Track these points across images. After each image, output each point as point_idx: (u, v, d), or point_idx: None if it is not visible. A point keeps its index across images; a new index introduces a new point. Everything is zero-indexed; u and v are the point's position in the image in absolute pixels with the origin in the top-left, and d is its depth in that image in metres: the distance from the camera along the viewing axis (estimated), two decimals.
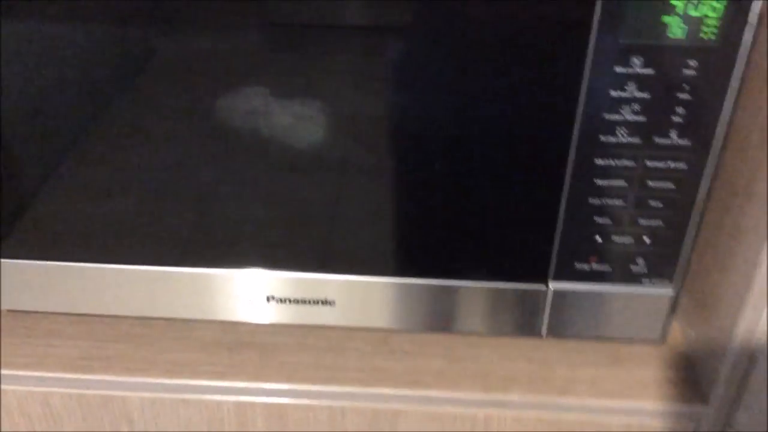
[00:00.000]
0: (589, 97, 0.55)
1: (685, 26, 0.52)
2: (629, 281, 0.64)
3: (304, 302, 0.66)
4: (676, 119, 0.55)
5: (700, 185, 0.59)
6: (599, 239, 0.61)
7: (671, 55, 0.53)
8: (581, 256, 0.62)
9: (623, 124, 0.56)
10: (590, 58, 0.53)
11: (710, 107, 0.55)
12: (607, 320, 0.66)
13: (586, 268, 0.63)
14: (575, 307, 0.65)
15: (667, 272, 0.63)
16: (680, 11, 0.51)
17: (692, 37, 0.52)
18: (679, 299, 0.66)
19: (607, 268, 0.63)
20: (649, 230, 0.61)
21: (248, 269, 0.66)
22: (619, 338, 0.68)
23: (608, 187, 0.59)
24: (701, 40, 0.52)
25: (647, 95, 0.55)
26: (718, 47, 0.52)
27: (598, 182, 0.59)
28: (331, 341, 0.71)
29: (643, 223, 0.61)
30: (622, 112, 0.55)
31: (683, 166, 0.58)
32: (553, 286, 0.64)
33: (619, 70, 0.54)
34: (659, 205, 0.60)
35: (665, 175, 0.58)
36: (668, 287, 0.64)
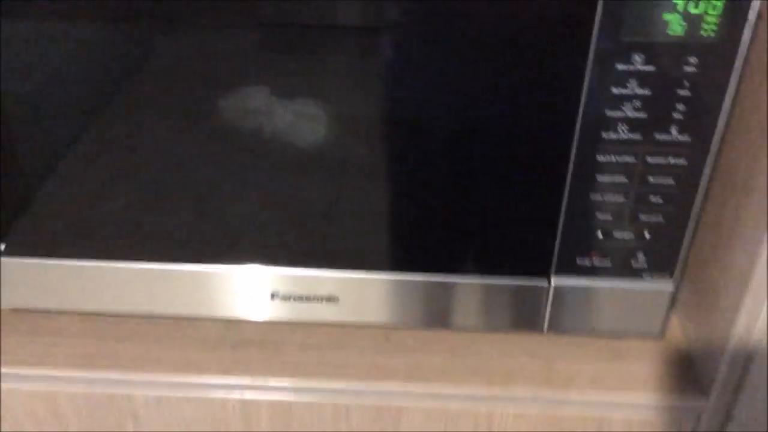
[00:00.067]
0: (590, 94, 0.56)
1: (685, 24, 0.52)
2: (630, 276, 0.64)
3: (308, 299, 0.67)
4: (676, 115, 0.56)
5: (699, 181, 0.59)
6: (600, 235, 0.62)
7: (672, 52, 0.54)
8: (582, 251, 0.63)
9: (624, 120, 0.57)
10: (592, 55, 0.54)
11: (710, 104, 0.56)
12: (607, 315, 0.67)
13: (587, 263, 0.64)
14: (576, 302, 0.66)
15: (667, 267, 0.64)
16: (680, 9, 0.52)
17: (692, 34, 0.53)
18: (677, 294, 0.67)
19: (608, 263, 0.64)
20: (649, 225, 0.62)
21: (252, 266, 0.66)
22: (619, 333, 0.69)
23: (609, 182, 0.59)
24: (701, 37, 0.53)
25: (648, 92, 0.55)
26: (717, 44, 0.53)
27: (599, 178, 0.59)
28: (333, 338, 0.71)
29: (643, 218, 0.61)
30: (623, 108, 0.56)
31: (683, 161, 0.58)
32: (554, 281, 0.65)
33: (620, 67, 0.54)
34: (659, 200, 0.60)
35: (665, 170, 0.59)
36: (668, 282, 0.65)
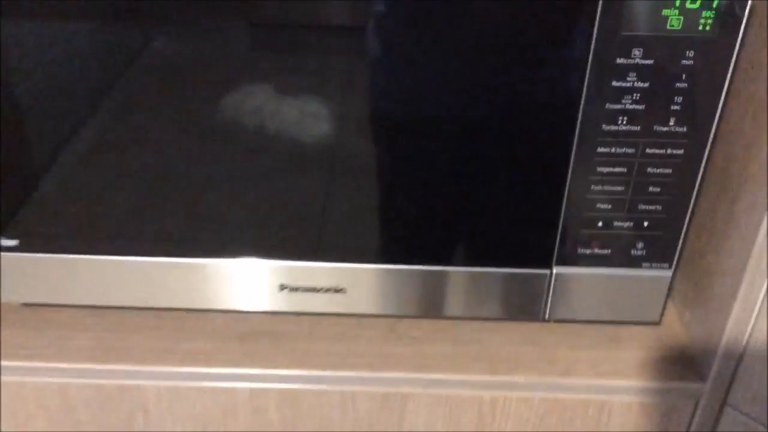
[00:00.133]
0: (591, 87, 0.57)
1: (683, 19, 0.54)
2: (629, 265, 0.66)
3: (315, 290, 0.68)
4: (674, 108, 0.58)
5: (697, 171, 0.61)
6: (601, 224, 0.64)
7: (670, 46, 0.55)
8: (584, 241, 0.65)
9: (624, 112, 0.58)
10: (593, 49, 0.56)
11: (707, 96, 0.57)
12: (607, 303, 0.68)
13: (588, 252, 0.65)
14: (577, 290, 0.67)
15: (665, 256, 0.65)
16: (678, 4, 0.53)
17: (690, 29, 0.54)
18: (674, 282, 0.69)
19: (608, 252, 0.65)
20: (648, 215, 0.63)
21: (261, 259, 0.68)
22: (619, 320, 0.70)
23: (609, 173, 0.61)
24: (698, 32, 0.55)
25: (647, 85, 0.57)
26: (714, 39, 0.55)
27: (600, 169, 0.61)
28: (340, 329, 0.73)
29: (642, 208, 0.63)
30: (623, 101, 0.58)
31: (681, 152, 0.60)
32: (556, 270, 0.67)
33: (620, 60, 0.56)
34: (658, 190, 0.62)
35: (664, 161, 0.60)
36: (667, 270, 0.66)
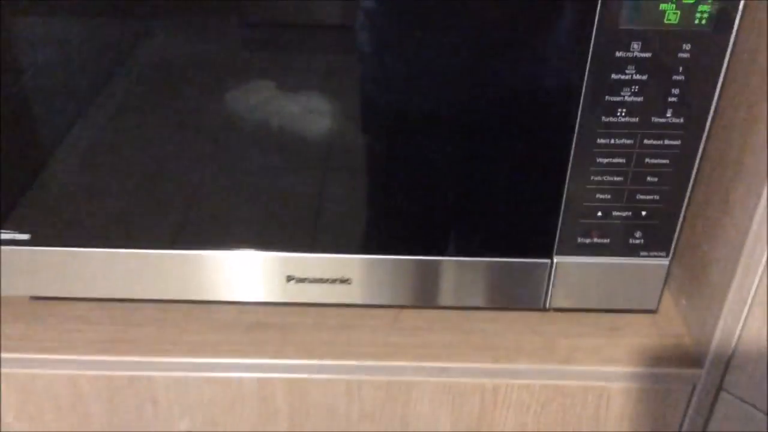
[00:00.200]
0: (591, 80, 0.59)
1: (679, 13, 0.56)
2: (628, 254, 0.68)
3: (322, 281, 0.70)
4: (671, 99, 0.59)
5: (693, 161, 0.63)
6: (600, 214, 0.65)
7: (667, 39, 0.57)
8: (584, 230, 0.66)
9: (623, 104, 0.60)
10: (593, 43, 0.57)
11: (703, 88, 0.59)
12: (606, 291, 0.70)
13: (587, 242, 0.67)
14: (577, 279, 0.69)
15: (663, 244, 0.67)
16: None
17: (686, 23, 0.56)
18: (671, 271, 0.71)
19: (608, 242, 0.67)
20: (646, 205, 0.65)
21: (268, 252, 0.69)
22: (617, 308, 0.72)
23: (609, 164, 0.63)
24: (695, 25, 0.56)
25: (645, 77, 0.58)
26: (710, 32, 0.57)
27: (599, 160, 0.62)
28: (345, 320, 0.74)
29: (640, 198, 0.64)
30: (622, 93, 0.59)
31: (678, 143, 0.62)
32: (557, 259, 0.68)
33: (619, 54, 0.57)
34: (655, 180, 0.64)
35: (661, 152, 0.62)
36: (664, 259, 0.68)
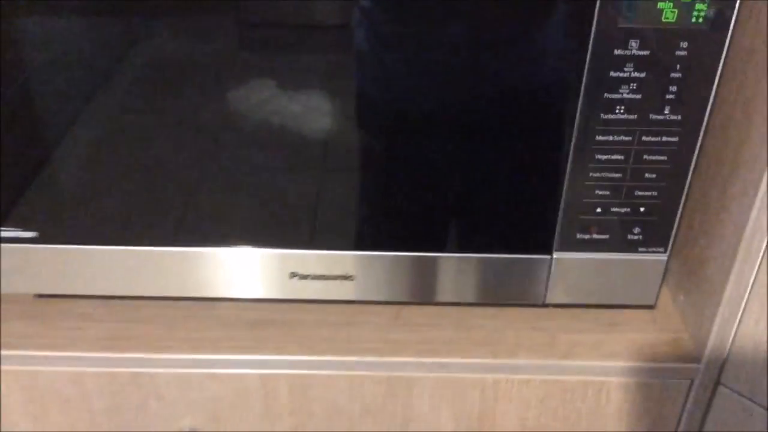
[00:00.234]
0: (590, 78, 0.60)
1: (677, 11, 0.57)
2: (626, 249, 0.68)
3: (325, 278, 0.70)
4: (669, 97, 0.60)
5: (690, 158, 0.64)
6: (599, 210, 0.66)
7: (665, 37, 0.58)
8: (583, 226, 0.67)
9: (622, 101, 0.61)
10: (592, 41, 0.58)
11: (700, 85, 0.60)
12: (605, 287, 0.71)
13: (586, 237, 0.68)
14: (576, 275, 0.70)
15: (661, 240, 0.68)
16: None
17: (684, 21, 0.57)
18: (669, 267, 0.72)
19: (606, 237, 0.68)
20: (644, 201, 0.66)
21: (272, 249, 0.70)
22: (616, 304, 0.73)
23: (608, 160, 0.64)
24: (692, 23, 0.57)
25: (643, 75, 0.59)
26: (707, 30, 0.58)
27: (598, 157, 0.63)
28: (346, 317, 0.75)
29: (639, 194, 0.65)
30: (620, 90, 0.60)
31: (675, 140, 0.63)
32: (556, 255, 0.69)
33: (617, 51, 0.58)
34: (654, 177, 0.64)
35: (659, 148, 0.63)
36: (662, 254, 0.69)
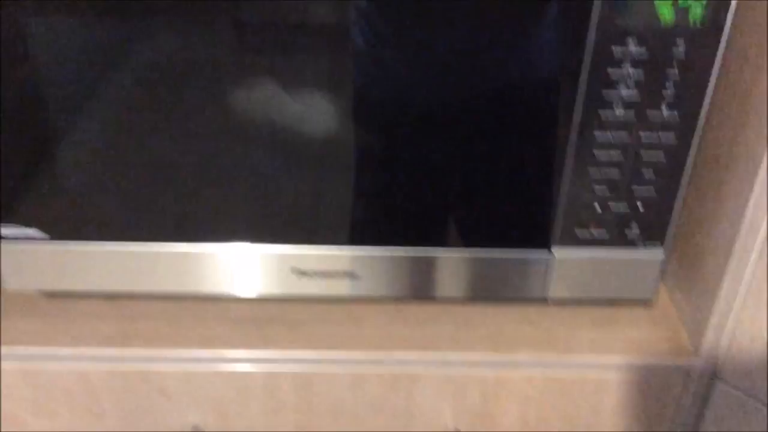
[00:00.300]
0: (589, 75, 0.61)
1: (674, 12, 0.58)
2: (625, 245, 0.70)
3: (329, 275, 0.71)
4: (666, 95, 0.62)
5: (687, 155, 0.65)
6: (598, 207, 0.67)
7: (662, 37, 0.59)
8: (582, 223, 0.68)
9: (620, 99, 0.62)
10: (591, 39, 0.59)
11: (696, 83, 0.61)
12: (604, 282, 0.72)
13: (585, 234, 0.69)
14: (576, 270, 0.71)
15: (658, 236, 0.69)
16: None
17: (681, 21, 0.58)
18: (666, 263, 0.73)
19: (604, 233, 0.69)
20: (642, 198, 0.67)
21: (277, 245, 0.71)
22: (615, 299, 0.74)
23: (606, 158, 0.65)
24: (689, 24, 0.59)
25: (641, 73, 0.61)
26: (703, 31, 0.59)
27: (597, 154, 0.65)
28: (349, 314, 0.76)
29: (636, 191, 0.67)
30: (618, 88, 0.61)
31: (672, 137, 0.64)
32: (556, 251, 0.70)
33: (616, 50, 0.60)
34: (651, 174, 0.66)
35: (656, 146, 0.64)
36: (659, 250, 0.70)
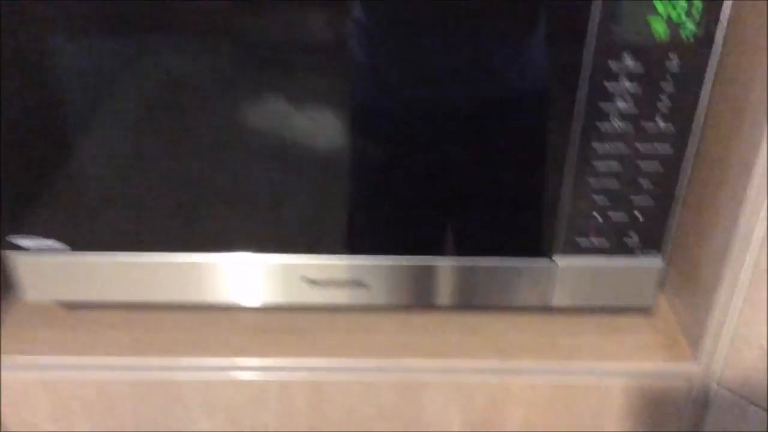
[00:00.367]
0: (587, 89, 0.64)
1: (668, 28, 0.61)
2: (624, 254, 0.72)
3: (340, 284, 0.74)
4: (661, 107, 0.64)
5: (683, 166, 0.68)
6: (598, 216, 0.70)
7: (657, 52, 0.62)
8: (583, 232, 0.71)
9: (617, 112, 0.65)
10: (588, 55, 0.62)
11: (690, 97, 0.64)
12: (605, 290, 0.74)
13: (586, 242, 0.71)
14: (577, 278, 0.73)
15: (656, 244, 0.72)
16: (664, 16, 0.61)
17: (674, 36, 0.61)
18: (665, 271, 0.75)
19: (605, 242, 0.71)
20: (640, 207, 0.70)
21: (289, 255, 0.73)
22: (616, 306, 0.76)
23: (605, 169, 0.67)
24: (682, 39, 0.61)
25: (637, 87, 0.64)
26: (695, 46, 0.62)
27: (596, 165, 0.67)
28: (359, 323, 0.78)
29: (635, 200, 0.69)
30: (615, 102, 0.64)
31: (668, 148, 0.66)
32: (558, 260, 0.73)
33: (613, 65, 0.63)
34: (649, 184, 0.68)
35: (653, 157, 0.67)
36: (658, 258, 0.73)
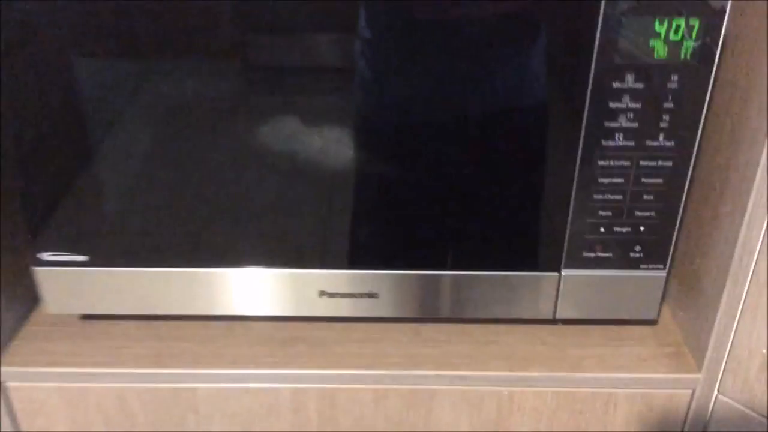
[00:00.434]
0: (592, 108, 0.66)
1: (667, 48, 0.63)
2: (629, 266, 0.74)
3: (352, 296, 0.76)
4: (662, 124, 0.67)
5: (684, 180, 0.70)
6: (603, 230, 0.72)
7: (657, 72, 0.64)
8: (588, 245, 0.73)
9: (620, 130, 0.67)
10: (592, 75, 0.64)
11: (690, 113, 0.66)
12: (610, 302, 0.76)
13: (592, 256, 0.73)
14: (583, 291, 0.75)
15: (660, 257, 0.73)
16: (663, 36, 0.63)
17: (673, 57, 0.64)
18: (668, 283, 0.77)
19: (609, 255, 0.73)
20: (643, 221, 0.71)
21: (303, 269, 0.75)
22: (621, 318, 0.78)
23: (609, 184, 0.69)
24: (681, 59, 0.64)
25: (639, 105, 0.66)
26: (694, 64, 0.64)
27: (601, 180, 0.69)
28: (370, 333, 0.80)
29: (638, 214, 0.71)
30: (619, 120, 0.66)
31: (670, 164, 0.69)
32: (564, 273, 0.75)
33: (615, 85, 0.65)
34: (651, 198, 0.70)
35: (655, 172, 0.69)
36: (662, 271, 0.74)
